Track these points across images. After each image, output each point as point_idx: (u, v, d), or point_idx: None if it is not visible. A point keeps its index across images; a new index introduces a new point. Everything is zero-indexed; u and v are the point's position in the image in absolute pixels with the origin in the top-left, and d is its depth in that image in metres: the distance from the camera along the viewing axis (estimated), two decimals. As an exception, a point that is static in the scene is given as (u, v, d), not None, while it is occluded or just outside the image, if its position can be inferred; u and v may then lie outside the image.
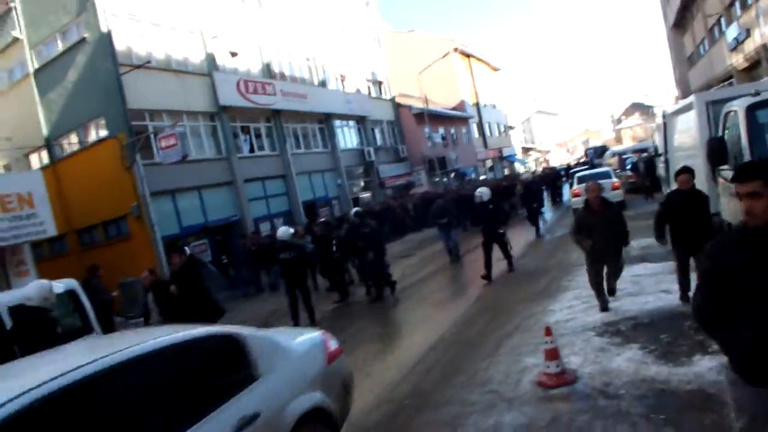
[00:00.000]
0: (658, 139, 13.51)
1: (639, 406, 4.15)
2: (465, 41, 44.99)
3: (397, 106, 32.84)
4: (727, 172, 5.87)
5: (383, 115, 31.20)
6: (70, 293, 6.96)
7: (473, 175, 38.97)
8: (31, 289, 5.32)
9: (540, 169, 48.16)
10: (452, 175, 35.84)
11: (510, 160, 52.24)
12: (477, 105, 45.16)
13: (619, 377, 4.71)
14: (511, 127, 57.47)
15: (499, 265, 10.86)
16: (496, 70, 54.00)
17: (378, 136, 30.28)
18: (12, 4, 17.13)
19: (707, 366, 4.53)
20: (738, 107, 5.84)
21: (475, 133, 44.22)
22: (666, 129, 10.52)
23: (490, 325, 7.25)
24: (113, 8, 15.72)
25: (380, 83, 31.89)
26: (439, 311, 9.10)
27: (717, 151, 5.94)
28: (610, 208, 6.62)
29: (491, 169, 46.78)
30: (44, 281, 5.51)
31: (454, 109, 40.21)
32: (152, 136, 15.92)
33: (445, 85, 39.07)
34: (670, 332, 5.50)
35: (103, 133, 16.14)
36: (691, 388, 4.27)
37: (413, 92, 34.62)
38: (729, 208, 6.20)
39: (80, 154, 16.81)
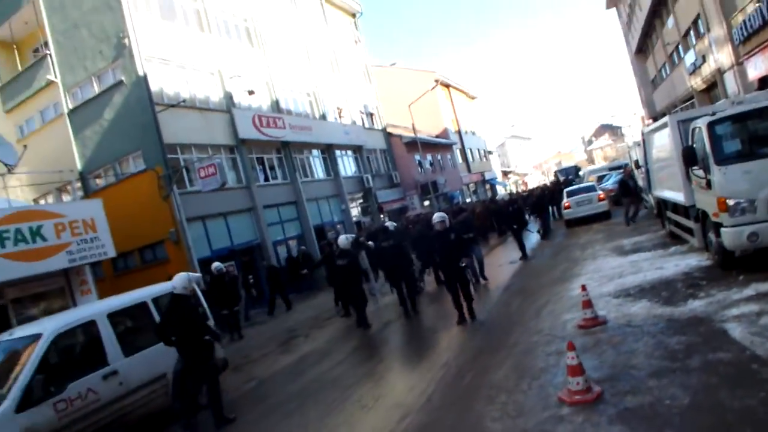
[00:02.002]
0: (637, 154, 15.73)
1: (655, 328, 6.02)
2: (443, 71, 47.70)
3: (388, 135, 35.01)
4: (698, 171, 7.84)
5: (377, 144, 33.30)
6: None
7: (460, 198, 41.15)
8: (176, 280, 6.97)
9: (518, 190, 50.44)
10: (440, 198, 37.93)
11: (492, 183, 54.85)
12: (459, 132, 47.73)
13: (637, 317, 6.59)
14: (490, 152, 60.28)
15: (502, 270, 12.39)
16: (473, 98, 56.95)
17: (373, 163, 32.30)
18: (47, 52, 18.82)
19: (698, 305, 6.43)
20: (701, 124, 7.86)
21: (459, 159, 46.65)
22: (645, 144, 12.69)
23: (525, 302, 9.09)
24: (147, 53, 17.52)
25: (372, 114, 34.06)
26: (477, 299, 10.85)
27: (689, 156, 7.94)
28: None
29: (475, 192, 49.13)
30: (184, 274, 7.02)
31: (438, 136, 42.61)
32: (183, 168, 17.62)
33: (428, 114, 41.51)
34: (668, 291, 7.42)
35: (140, 166, 17.70)
36: (688, 316, 6.15)
37: (400, 122, 36.89)
38: (702, 199, 8.20)
39: (116, 186, 18.29)
